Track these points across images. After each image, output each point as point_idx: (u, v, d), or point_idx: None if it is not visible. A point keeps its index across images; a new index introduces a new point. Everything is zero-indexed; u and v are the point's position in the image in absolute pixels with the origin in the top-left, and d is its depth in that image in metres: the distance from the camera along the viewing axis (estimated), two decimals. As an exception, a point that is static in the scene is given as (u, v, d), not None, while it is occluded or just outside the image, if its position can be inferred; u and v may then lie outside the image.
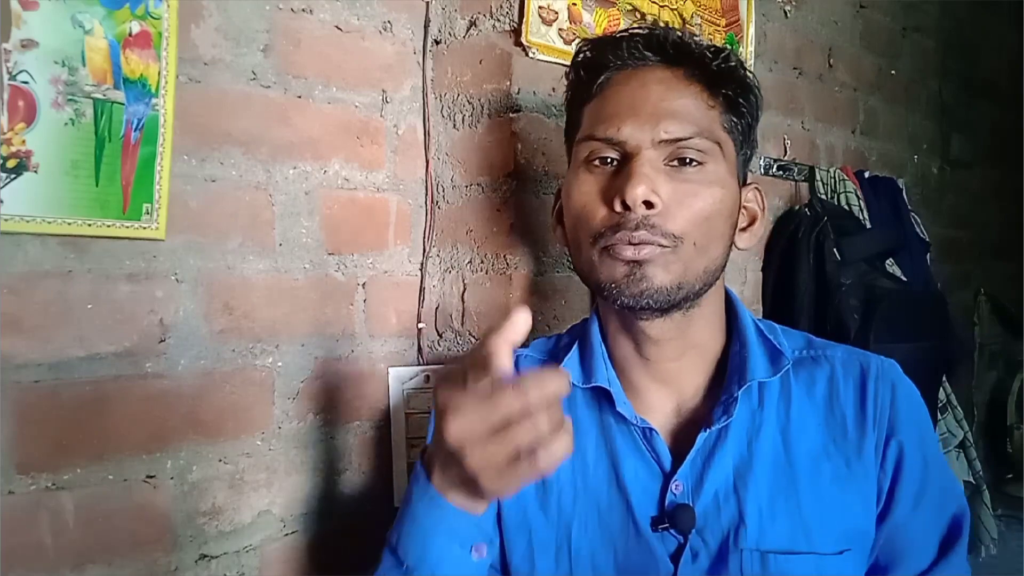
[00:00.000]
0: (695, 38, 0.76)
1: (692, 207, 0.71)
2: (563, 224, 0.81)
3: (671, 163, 0.72)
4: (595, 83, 0.76)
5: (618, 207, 0.70)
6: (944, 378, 1.90)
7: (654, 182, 0.69)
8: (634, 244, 0.70)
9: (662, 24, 0.77)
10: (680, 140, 0.71)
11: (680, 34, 0.75)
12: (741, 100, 0.76)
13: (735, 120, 0.76)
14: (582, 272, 0.77)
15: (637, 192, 0.68)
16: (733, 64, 0.75)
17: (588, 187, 0.74)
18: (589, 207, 0.73)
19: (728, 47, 0.76)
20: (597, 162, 0.74)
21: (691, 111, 0.72)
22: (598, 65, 0.76)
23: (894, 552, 0.75)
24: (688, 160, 0.72)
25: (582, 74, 0.78)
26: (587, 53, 0.78)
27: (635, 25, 0.76)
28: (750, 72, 0.77)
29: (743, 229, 0.79)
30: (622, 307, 0.73)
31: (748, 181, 0.81)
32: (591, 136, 0.74)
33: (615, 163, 0.73)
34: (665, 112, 0.71)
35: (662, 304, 0.71)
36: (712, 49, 0.74)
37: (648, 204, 0.69)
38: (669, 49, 0.74)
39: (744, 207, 0.79)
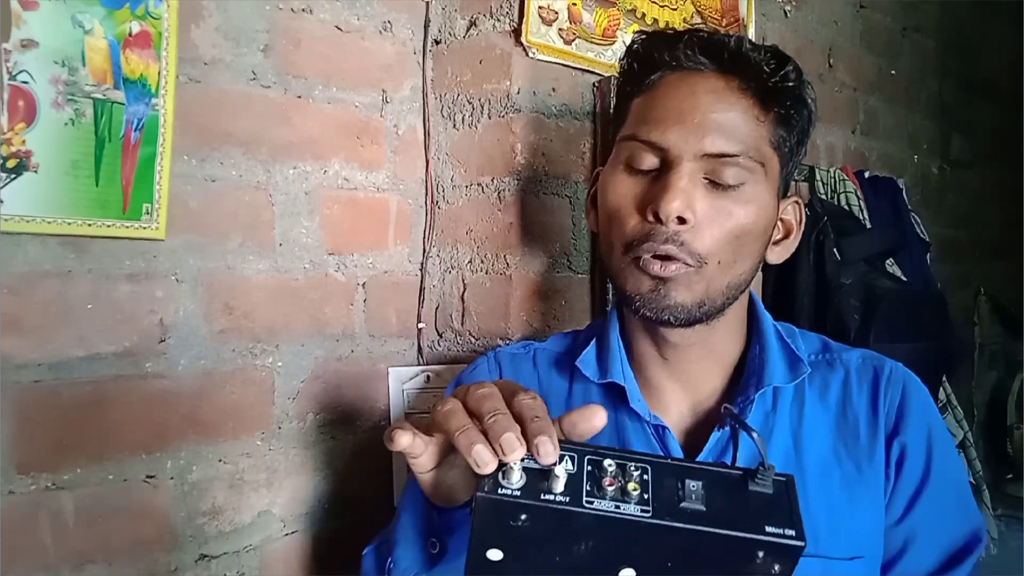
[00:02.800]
0: (754, 45, 0.73)
1: (724, 226, 0.70)
2: (597, 209, 0.81)
3: (710, 178, 0.70)
4: (646, 79, 0.74)
5: (650, 217, 0.70)
6: (944, 378, 1.89)
7: (691, 197, 0.68)
8: (660, 258, 0.70)
9: (722, 31, 0.74)
10: (724, 156, 0.69)
11: (740, 43, 0.72)
12: (793, 115, 0.74)
13: (784, 135, 0.74)
14: (609, 270, 0.77)
15: (672, 208, 0.68)
16: (791, 83, 0.72)
17: (625, 190, 0.73)
18: (623, 212, 0.72)
19: (790, 59, 0.74)
20: (637, 166, 0.72)
21: (739, 126, 0.70)
22: (651, 61, 0.74)
23: (893, 552, 0.75)
24: (727, 182, 0.70)
25: (635, 67, 0.76)
26: (643, 46, 0.76)
27: (695, 26, 0.74)
28: (808, 84, 0.75)
29: (776, 242, 0.78)
30: (644, 319, 0.73)
31: (789, 193, 0.79)
32: (634, 136, 0.73)
33: (655, 169, 0.72)
34: (712, 125, 0.70)
35: (684, 321, 0.72)
36: (771, 63, 0.72)
37: (681, 219, 0.68)
38: (726, 57, 0.72)
39: (781, 219, 0.77)
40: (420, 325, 1.22)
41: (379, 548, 0.72)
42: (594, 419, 0.56)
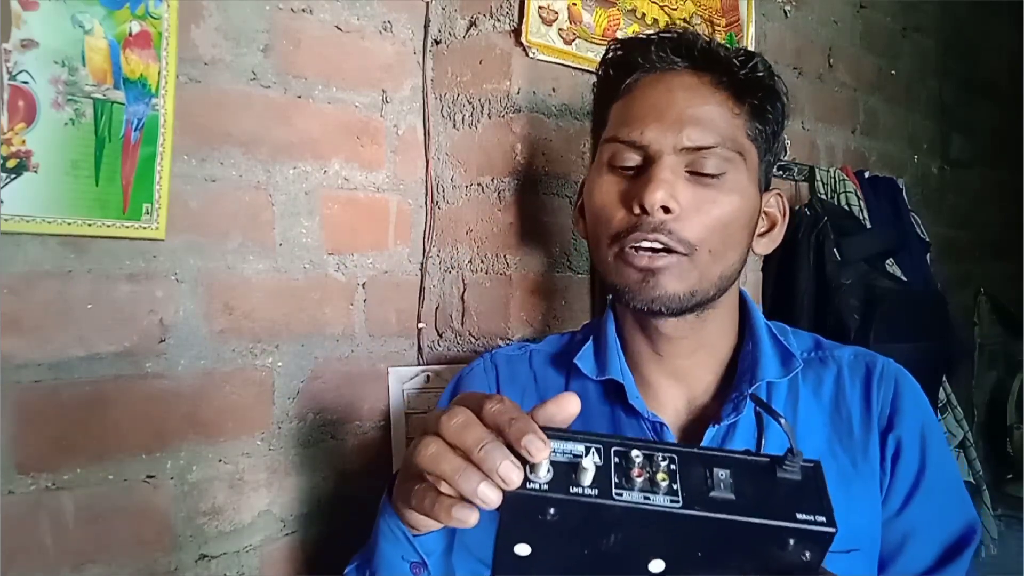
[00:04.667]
0: (723, 44, 0.76)
1: (710, 214, 0.71)
2: (585, 218, 0.82)
3: (691, 170, 0.72)
4: (622, 83, 0.76)
5: (636, 210, 0.71)
6: (944, 378, 1.90)
7: (673, 187, 0.70)
8: (650, 249, 0.70)
9: (691, 29, 0.77)
10: (702, 148, 0.71)
11: (708, 40, 0.75)
12: (767, 107, 0.76)
13: (760, 127, 0.76)
14: (599, 270, 0.78)
15: (656, 197, 0.69)
16: (761, 73, 0.75)
17: (608, 188, 0.75)
18: (608, 208, 0.74)
19: (758, 54, 0.76)
20: (619, 165, 0.74)
21: (715, 119, 0.73)
22: (626, 66, 0.77)
23: (891, 548, 0.76)
24: (708, 172, 0.72)
25: (611, 73, 0.78)
26: (617, 53, 0.78)
27: (666, 27, 0.76)
28: (779, 78, 0.78)
29: (762, 234, 0.80)
30: (636, 310, 0.74)
31: (771, 186, 0.81)
32: (615, 138, 0.75)
33: (636, 167, 0.74)
34: (689, 119, 0.72)
35: (675, 310, 0.72)
36: (740, 57, 0.75)
37: (666, 209, 0.70)
38: (696, 55, 0.74)
39: (765, 212, 0.79)
40: (420, 325, 1.22)
41: (360, 569, 0.71)
42: (569, 407, 0.53)
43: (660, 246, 0.71)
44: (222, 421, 1.00)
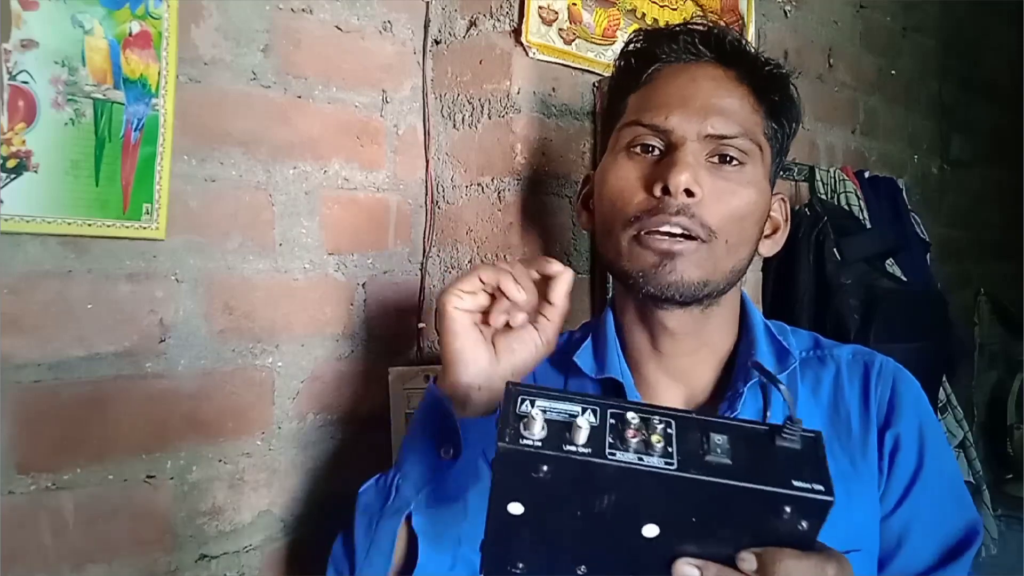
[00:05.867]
0: (748, 41, 0.78)
1: (729, 204, 0.72)
2: (588, 209, 0.82)
3: (712, 159, 0.73)
4: (644, 73, 0.77)
5: (658, 192, 0.71)
6: (944, 378, 1.89)
7: (697, 172, 0.70)
8: (671, 234, 0.71)
9: (720, 24, 0.78)
10: (725, 138, 0.72)
11: (738, 36, 0.76)
12: (785, 109, 0.78)
13: (775, 127, 0.77)
14: (607, 258, 0.78)
15: (681, 179, 0.69)
16: (784, 72, 0.77)
17: (627, 172, 0.74)
18: (627, 191, 0.74)
19: (778, 58, 0.79)
20: (639, 149, 0.74)
21: (738, 111, 0.73)
22: (650, 56, 0.77)
23: (889, 545, 0.75)
24: (729, 159, 0.73)
25: (632, 63, 0.78)
26: (639, 43, 0.79)
27: (692, 19, 0.78)
28: (794, 84, 0.79)
29: (767, 236, 0.81)
30: (646, 296, 0.74)
31: (775, 191, 0.81)
32: (637, 122, 0.75)
33: (657, 151, 0.74)
34: (714, 108, 0.72)
35: (687, 298, 0.72)
36: (764, 55, 0.77)
37: (689, 193, 0.70)
38: (726, 48, 0.75)
39: (769, 215, 0.80)
40: (420, 325, 1.22)
41: (378, 480, 0.72)
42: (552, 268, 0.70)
43: (680, 231, 0.70)
44: (222, 421, 1.00)
